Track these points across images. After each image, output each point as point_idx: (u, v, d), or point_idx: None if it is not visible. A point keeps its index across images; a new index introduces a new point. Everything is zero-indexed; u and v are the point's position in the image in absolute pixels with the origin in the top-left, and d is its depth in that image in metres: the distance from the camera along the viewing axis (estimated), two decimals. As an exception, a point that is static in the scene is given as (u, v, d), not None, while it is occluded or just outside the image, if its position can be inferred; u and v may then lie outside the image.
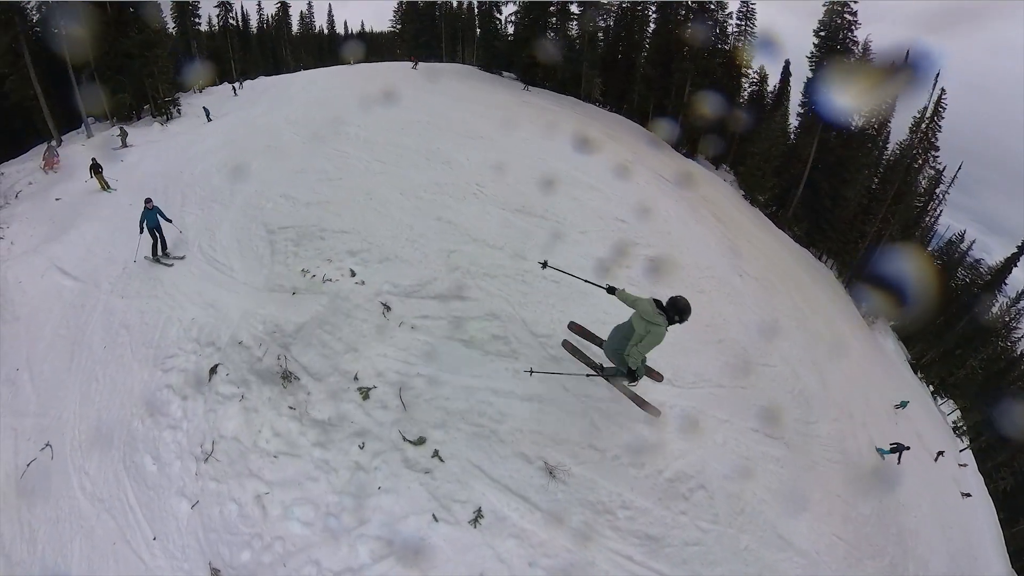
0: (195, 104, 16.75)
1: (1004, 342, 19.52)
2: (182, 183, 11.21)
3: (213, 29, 20.23)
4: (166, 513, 5.00)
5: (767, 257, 17.27)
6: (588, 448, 5.51)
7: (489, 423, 5.25)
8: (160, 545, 4.83)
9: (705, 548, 5.69)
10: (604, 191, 11.37)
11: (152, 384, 6.38)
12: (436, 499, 4.85)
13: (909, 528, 9.36)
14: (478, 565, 4.68)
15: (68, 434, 6.46)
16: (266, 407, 5.36)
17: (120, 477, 5.55)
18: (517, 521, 4.94)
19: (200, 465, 5.19)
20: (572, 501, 5.26)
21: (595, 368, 5.64)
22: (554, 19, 20.57)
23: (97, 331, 7.78)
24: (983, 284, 19.88)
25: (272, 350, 5.68)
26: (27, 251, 9.84)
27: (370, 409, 5.26)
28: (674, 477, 6.00)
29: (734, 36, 21.07)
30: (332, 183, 9.86)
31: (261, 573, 4.49)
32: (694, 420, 6.99)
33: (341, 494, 4.76)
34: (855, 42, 19.25)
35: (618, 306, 7.89)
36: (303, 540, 4.59)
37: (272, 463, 4.92)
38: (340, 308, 6.00)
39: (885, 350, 20.65)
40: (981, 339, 19.29)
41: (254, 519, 4.64)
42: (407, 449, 5.05)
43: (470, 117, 14.77)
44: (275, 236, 8.25)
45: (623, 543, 5.31)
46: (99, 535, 5.19)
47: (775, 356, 10.32)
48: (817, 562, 6.61)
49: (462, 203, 8.69)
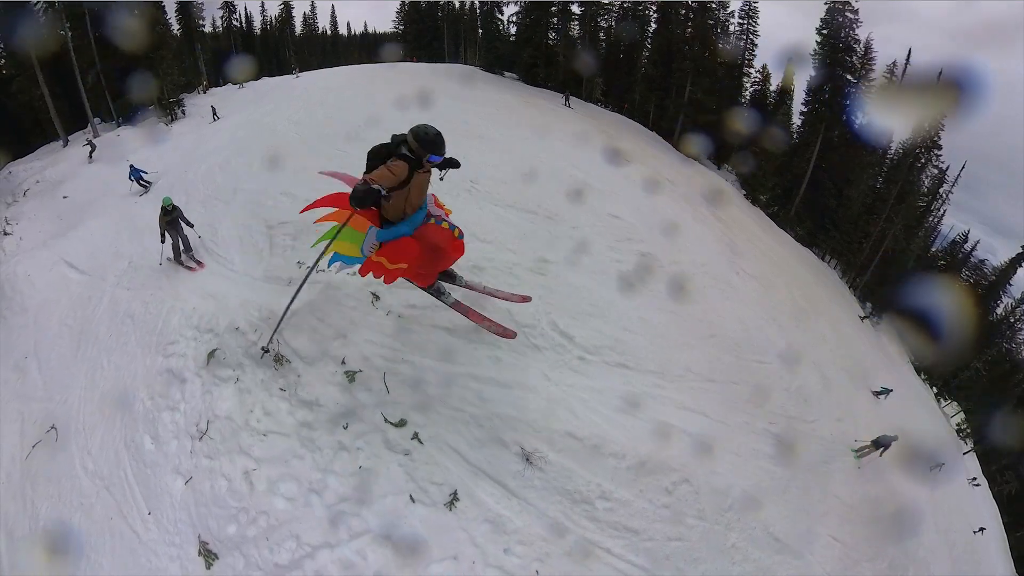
0: (199, 104, 17.17)
1: (1009, 344, 19.30)
2: (186, 182, 11.53)
3: (217, 30, 20.66)
4: (161, 489, 5.24)
5: (767, 256, 17.28)
6: (566, 436, 5.57)
7: (469, 408, 5.41)
8: (154, 519, 5.06)
9: (689, 544, 5.62)
10: (599, 188, 11.52)
11: (154, 369, 6.63)
12: (414, 480, 4.99)
13: (910, 529, 9.10)
14: (452, 548, 4.78)
15: (73, 417, 6.73)
16: (258, 388, 5.60)
17: (120, 456, 5.80)
18: (493, 506, 5.04)
19: (195, 443, 5.42)
20: (549, 489, 5.30)
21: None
22: (555, 19, 20.77)
23: (103, 321, 8.07)
24: (988, 285, 19.70)
25: (266, 335, 5.93)
26: (36, 246, 10.23)
27: (355, 391, 5.47)
28: (656, 470, 5.95)
29: (736, 35, 21.10)
30: (331, 181, 10.10)
31: (245, 546, 4.69)
32: (680, 413, 6.95)
33: (324, 472, 4.95)
34: (856, 40, 19.24)
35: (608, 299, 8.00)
36: (286, 515, 4.78)
37: (261, 441, 5.15)
38: (331, 297, 6.23)
39: (888, 352, 20.53)
40: (985, 340, 19.08)
41: (242, 494, 4.86)
42: (388, 430, 5.23)
43: (470, 118, 14.98)
44: (274, 231, 8.51)
45: (601, 534, 5.31)
46: (98, 511, 5.43)
47: (771, 354, 10.33)
48: (812, 563, 6.52)
49: (455, 199, 8.85)
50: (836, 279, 21.30)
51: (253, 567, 4.60)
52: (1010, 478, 18.06)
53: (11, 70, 15.06)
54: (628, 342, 7.28)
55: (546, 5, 20.51)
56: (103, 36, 15.03)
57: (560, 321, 6.80)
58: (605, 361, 6.72)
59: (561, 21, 21.08)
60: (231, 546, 4.66)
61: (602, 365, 6.64)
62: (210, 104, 16.67)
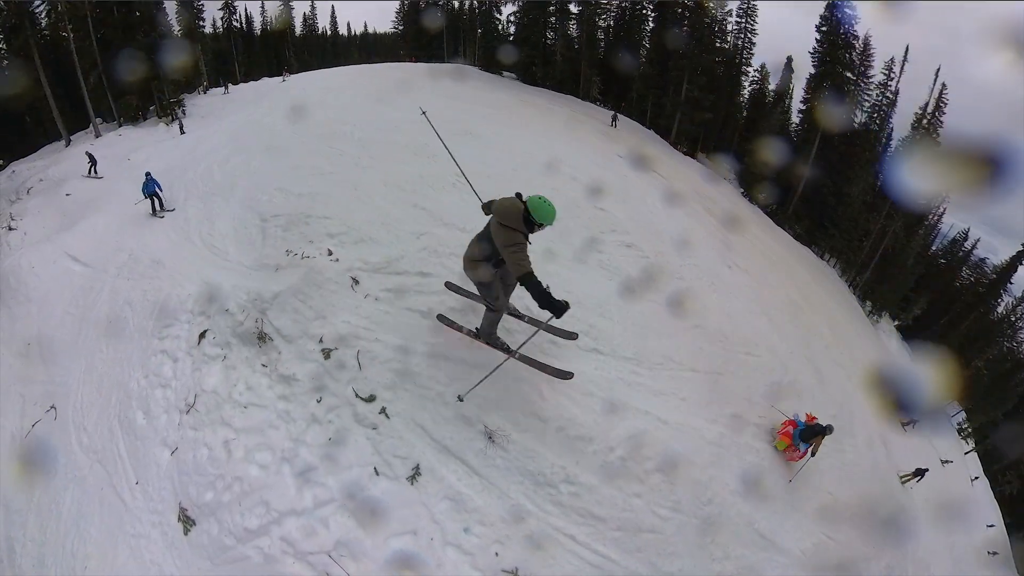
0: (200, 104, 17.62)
1: (1010, 342, 19.09)
2: (186, 180, 11.94)
3: (217, 31, 21.12)
4: (149, 460, 5.54)
5: (761, 252, 17.22)
6: (531, 416, 5.52)
7: (436, 386, 5.52)
8: (141, 489, 5.36)
9: (663, 537, 5.40)
10: (585, 182, 11.65)
11: (149, 350, 6.98)
12: (379, 454, 5.12)
13: (908, 530, 8.95)
14: (411, 522, 4.84)
15: (72, 398, 7.09)
16: (243, 365, 5.88)
17: (114, 430, 6.13)
18: (454, 483, 5.07)
19: (183, 416, 5.73)
20: (511, 469, 5.24)
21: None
22: (553, 19, 21.02)
23: (103, 309, 8.44)
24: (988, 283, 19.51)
25: (252, 315, 6.23)
26: (40, 240, 10.68)
27: (330, 368, 5.69)
28: (627, 456, 5.70)
29: (733, 34, 21.19)
30: (324, 176, 10.42)
31: (220, 511, 4.94)
32: (657, 401, 6.75)
33: (296, 442, 5.17)
34: (856, 36, 19.24)
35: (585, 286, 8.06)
36: (258, 481, 5.01)
37: (242, 412, 5.42)
38: (313, 280, 6.49)
39: (889, 349, 20.37)
40: (986, 339, 18.91)
41: (220, 461, 5.12)
42: (358, 405, 5.42)
43: (465, 116, 15.23)
44: (267, 224, 8.82)
45: (565, 520, 5.16)
46: (90, 483, 5.76)
47: (761, 347, 10.05)
48: (803, 562, 6.23)
49: (441, 192, 9.14)
50: (835, 277, 21.17)
51: (226, 532, 4.83)
52: (1012, 478, 17.86)
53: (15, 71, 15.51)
54: (603, 328, 7.15)
55: (544, 5, 20.78)
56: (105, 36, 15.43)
57: (532, 305, 6.77)
58: (578, 345, 6.48)
59: (559, 20, 21.34)
60: (207, 512, 4.93)
61: (574, 348, 6.44)
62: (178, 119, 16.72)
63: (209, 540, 4.88)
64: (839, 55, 19.89)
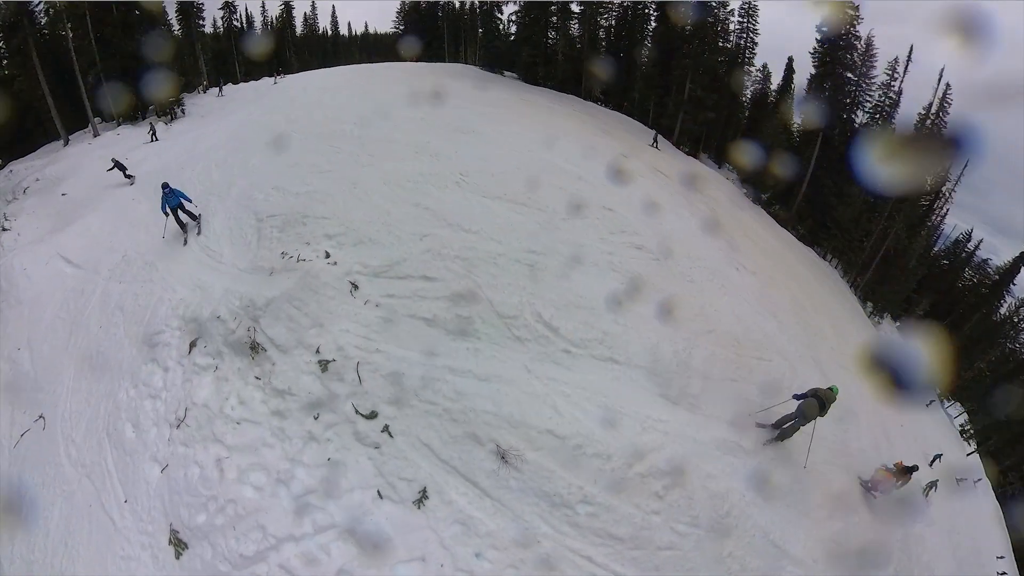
0: (200, 104, 17.30)
1: (1013, 343, 18.98)
2: (183, 179, 11.63)
3: (217, 31, 20.80)
4: (139, 477, 5.27)
5: (767, 253, 17.05)
6: (546, 434, 5.27)
7: (443, 401, 5.24)
8: (130, 507, 5.10)
9: (681, 553, 5.21)
10: (591, 182, 11.44)
11: (139, 359, 6.72)
12: (382, 475, 4.85)
13: (915, 533, 8.78)
14: (419, 548, 4.57)
15: (61, 407, 6.83)
16: (235, 376, 5.60)
17: (103, 444, 5.86)
18: (464, 507, 4.80)
19: (173, 431, 5.45)
20: (526, 490, 4.99)
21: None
22: (555, 18, 20.76)
23: (94, 313, 8.18)
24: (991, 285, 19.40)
25: (244, 323, 5.94)
26: (33, 241, 10.39)
27: (327, 381, 5.41)
28: (647, 473, 5.53)
29: (736, 33, 20.99)
30: (322, 175, 10.13)
31: (213, 535, 4.66)
32: (674, 411, 6.65)
33: (293, 462, 4.90)
34: (857, 37, 19.06)
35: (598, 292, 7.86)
36: (253, 504, 4.73)
37: (235, 429, 5.14)
38: (309, 285, 6.22)
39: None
40: (989, 340, 18.80)
41: (212, 482, 4.85)
42: (359, 422, 5.14)
43: (466, 115, 14.98)
44: (263, 224, 8.55)
45: (583, 542, 4.94)
46: (78, 498, 5.49)
47: (771, 351, 9.94)
48: (814, 571, 6.17)
49: (443, 191, 8.85)
50: (837, 278, 21.03)
51: (220, 557, 4.54)
52: (1014, 479, 17.77)
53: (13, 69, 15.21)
54: (618, 335, 6.93)
55: (546, 4, 20.51)
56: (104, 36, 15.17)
57: (545, 312, 6.51)
58: (592, 355, 6.35)
59: (561, 20, 21.09)
60: (200, 535, 4.65)
61: (589, 359, 6.28)
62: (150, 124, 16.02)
63: (202, 565, 4.60)
64: (840, 56, 19.72)
